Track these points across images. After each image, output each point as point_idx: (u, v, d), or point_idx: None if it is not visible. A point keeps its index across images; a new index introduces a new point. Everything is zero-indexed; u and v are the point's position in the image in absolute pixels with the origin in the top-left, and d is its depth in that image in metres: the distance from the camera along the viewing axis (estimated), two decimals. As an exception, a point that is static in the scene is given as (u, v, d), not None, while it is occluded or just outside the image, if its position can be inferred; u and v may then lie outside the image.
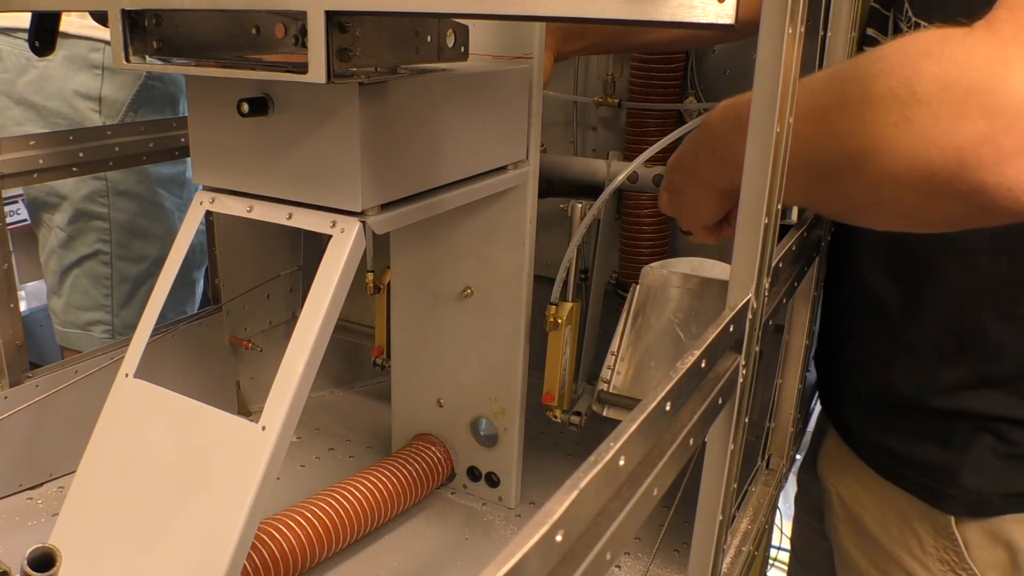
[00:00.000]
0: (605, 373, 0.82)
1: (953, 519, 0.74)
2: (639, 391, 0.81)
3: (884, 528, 0.81)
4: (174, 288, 1.40)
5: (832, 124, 0.50)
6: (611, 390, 0.81)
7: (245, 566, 0.78)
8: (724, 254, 0.55)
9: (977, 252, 0.69)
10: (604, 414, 0.84)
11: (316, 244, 1.22)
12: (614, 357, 0.81)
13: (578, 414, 0.97)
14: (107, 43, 1.27)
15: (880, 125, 0.46)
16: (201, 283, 1.52)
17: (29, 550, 0.58)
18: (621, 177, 0.95)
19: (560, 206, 1.07)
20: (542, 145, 1.14)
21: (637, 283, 0.83)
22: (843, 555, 0.88)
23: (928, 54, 0.45)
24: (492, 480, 1.02)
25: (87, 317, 1.39)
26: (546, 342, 0.94)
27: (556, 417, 0.97)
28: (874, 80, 0.47)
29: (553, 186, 1.08)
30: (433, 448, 1.02)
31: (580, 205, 0.97)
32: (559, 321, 0.92)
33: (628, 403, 0.81)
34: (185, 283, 1.44)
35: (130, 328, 1.39)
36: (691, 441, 0.46)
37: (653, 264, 0.84)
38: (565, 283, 0.93)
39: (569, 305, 0.93)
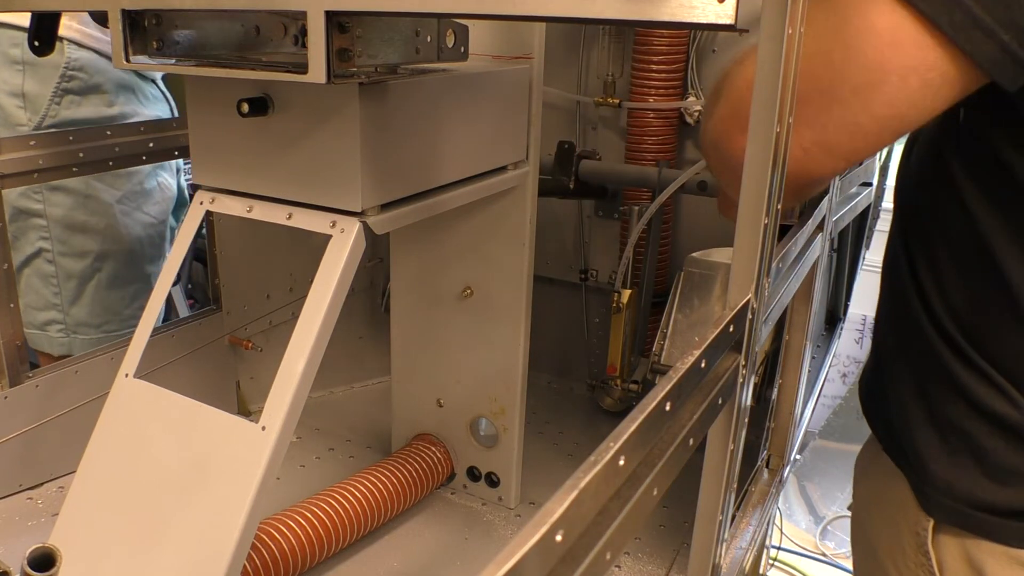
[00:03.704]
0: (656, 347, 0.93)
1: (930, 535, 0.74)
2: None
3: (879, 536, 0.81)
4: (127, 284, 1.37)
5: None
6: (661, 361, 0.93)
7: (245, 566, 0.78)
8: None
9: (987, 257, 0.69)
10: (656, 382, 0.95)
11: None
12: (663, 333, 0.92)
13: (635, 382, 1.16)
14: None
15: None
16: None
17: (29, 550, 0.58)
18: (677, 183, 1.07)
19: (622, 208, 1.24)
20: (596, 153, 1.20)
21: (682, 270, 0.95)
22: (855, 554, 0.89)
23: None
24: (492, 480, 1.02)
25: (43, 317, 1.37)
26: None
27: (617, 385, 1.16)
28: None
29: (574, 189, 1.19)
30: (433, 448, 1.02)
31: (637, 208, 1.14)
32: (621, 305, 1.09)
33: None
34: (138, 278, 1.40)
35: (83, 326, 1.37)
36: (691, 441, 0.46)
37: (696, 253, 0.95)
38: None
39: (628, 292, 1.09)
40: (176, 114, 1.44)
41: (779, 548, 2.32)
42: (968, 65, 0.54)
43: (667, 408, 0.42)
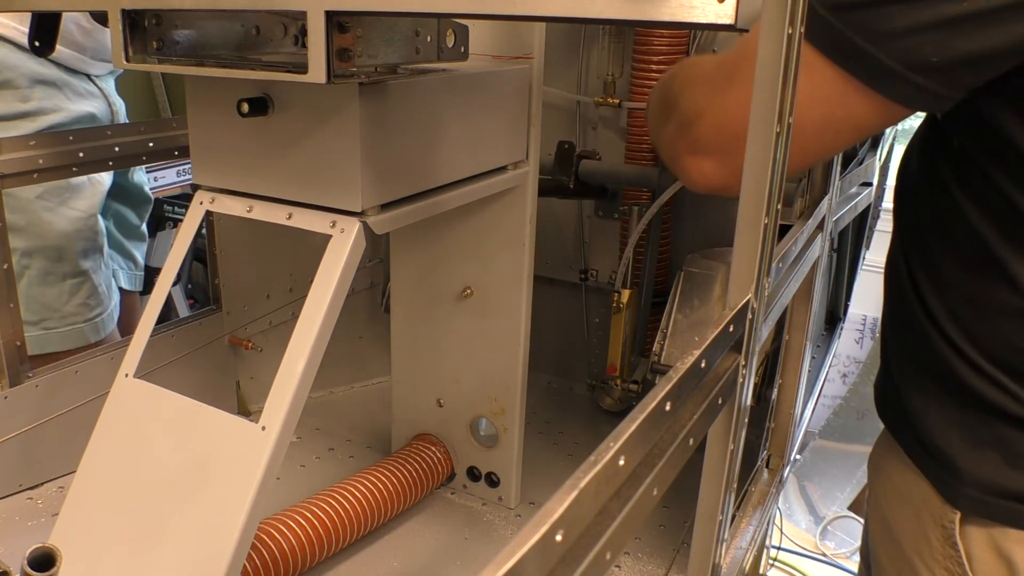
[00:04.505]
0: (656, 347, 0.93)
1: (957, 527, 0.74)
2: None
3: (903, 530, 0.81)
4: (61, 280, 1.34)
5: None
6: (661, 361, 0.94)
7: (245, 566, 0.78)
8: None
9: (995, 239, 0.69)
10: (656, 382, 0.98)
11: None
12: (663, 333, 0.93)
13: (636, 382, 1.16)
14: None
15: None
16: (102, 274, 1.43)
17: (29, 550, 0.58)
18: (678, 184, 1.06)
19: (622, 208, 1.23)
20: (597, 153, 1.20)
21: (682, 270, 0.95)
22: (873, 553, 0.89)
23: None
24: (492, 480, 1.02)
25: None
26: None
27: (617, 385, 1.15)
28: None
29: (574, 189, 1.19)
30: (433, 448, 1.02)
31: (637, 208, 1.14)
32: (621, 305, 1.09)
33: None
34: (74, 273, 1.36)
35: (23, 323, 1.34)
36: (691, 441, 0.46)
37: (695, 254, 0.96)
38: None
39: (628, 292, 1.09)
40: (121, 114, 1.41)
41: (779, 548, 2.32)
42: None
43: (667, 408, 0.42)
